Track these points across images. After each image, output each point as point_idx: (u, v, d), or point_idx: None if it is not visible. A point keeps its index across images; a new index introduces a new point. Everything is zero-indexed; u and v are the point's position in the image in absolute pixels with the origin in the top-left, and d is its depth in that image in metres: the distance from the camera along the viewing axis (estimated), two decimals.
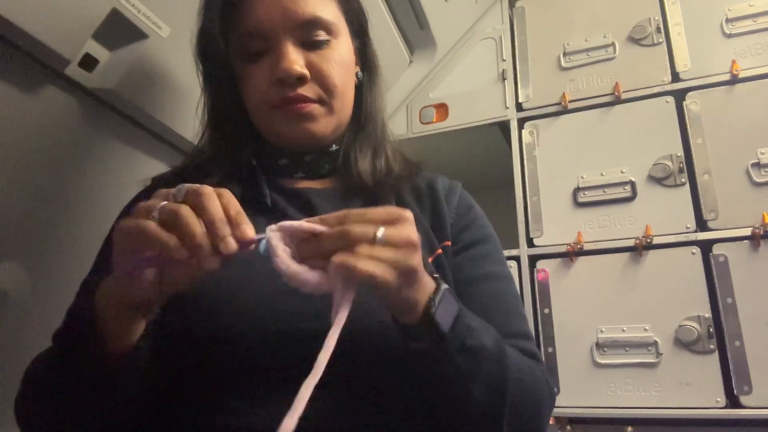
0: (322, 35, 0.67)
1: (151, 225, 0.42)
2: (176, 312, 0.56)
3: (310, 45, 0.67)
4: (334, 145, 0.72)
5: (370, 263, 0.43)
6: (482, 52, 1.68)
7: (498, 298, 0.67)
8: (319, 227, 0.45)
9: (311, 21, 0.66)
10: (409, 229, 0.47)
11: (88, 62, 0.83)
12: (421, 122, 1.69)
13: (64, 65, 0.80)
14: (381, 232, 0.44)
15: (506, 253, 1.38)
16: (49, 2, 0.73)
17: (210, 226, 0.42)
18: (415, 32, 1.56)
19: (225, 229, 0.43)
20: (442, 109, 1.68)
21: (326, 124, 0.68)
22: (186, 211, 0.42)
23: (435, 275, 0.52)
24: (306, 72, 0.65)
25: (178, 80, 0.95)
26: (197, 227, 0.42)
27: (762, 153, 1.28)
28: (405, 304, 0.48)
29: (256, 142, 0.72)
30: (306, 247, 0.45)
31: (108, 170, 0.96)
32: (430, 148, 1.74)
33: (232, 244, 0.43)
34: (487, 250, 0.71)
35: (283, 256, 0.44)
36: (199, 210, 0.43)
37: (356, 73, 0.74)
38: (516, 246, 1.44)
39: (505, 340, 0.60)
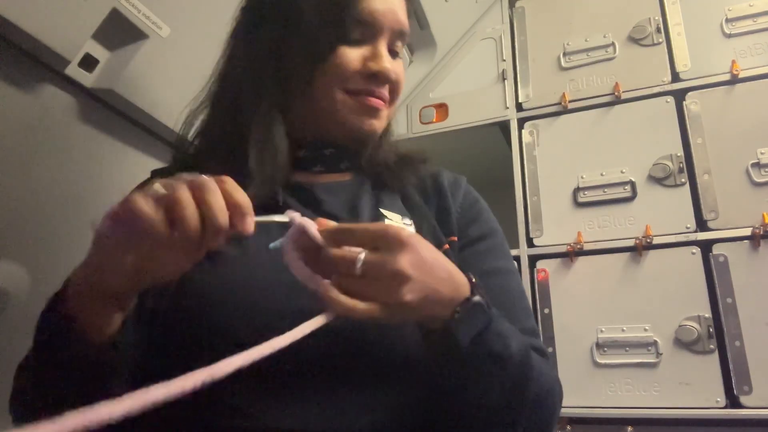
0: (400, 47, 0.71)
1: (143, 200, 0.41)
2: (171, 306, 0.56)
3: (392, 52, 0.70)
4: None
5: (347, 299, 0.43)
6: (482, 52, 1.68)
7: (503, 294, 0.66)
8: (320, 239, 0.46)
9: (405, 32, 0.70)
10: (396, 259, 0.45)
11: (88, 62, 0.83)
12: (421, 122, 1.69)
13: (64, 65, 0.80)
14: (360, 262, 0.43)
15: None
16: (49, 2, 0.73)
17: (207, 215, 0.41)
18: (415, 32, 1.56)
19: (221, 221, 0.41)
20: (442, 109, 1.68)
21: (382, 125, 0.71)
22: (185, 195, 0.41)
23: (473, 280, 0.52)
24: (395, 77, 0.69)
25: (178, 80, 0.95)
26: (192, 213, 0.41)
27: (762, 153, 1.28)
28: (421, 319, 0.48)
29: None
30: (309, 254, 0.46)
31: (108, 170, 0.96)
32: (430, 148, 1.73)
33: (219, 239, 0.42)
34: (493, 244, 0.71)
35: (294, 259, 0.45)
36: (198, 199, 0.41)
37: None
38: (516, 246, 1.45)
39: None
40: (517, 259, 1.43)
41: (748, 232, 1.24)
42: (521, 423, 0.55)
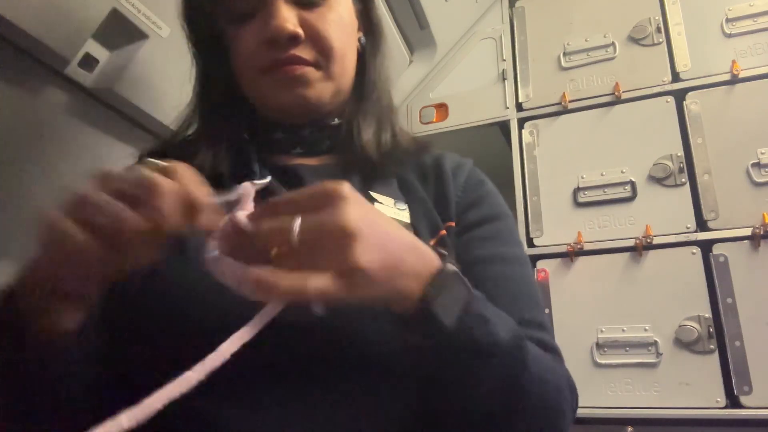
0: None
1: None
2: (135, 308, 0.51)
3: (304, 3, 0.60)
4: (335, 119, 0.66)
5: (292, 276, 0.35)
6: (482, 52, 1.68)
7: (506, 283, 0.60)
8: (245, 223, 0.39)
9: None
10: (337, 213, 0.37)
11: (88, 62, 0.83)
12: (421, 122, 1.69)
13: (64, 65, 0.80)
14: (296, 227, 0.36)
15: None
16: (49, 2, 0.73)
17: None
18: (415, 32, 1.56)
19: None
20: (442, 109, 1.68)
21: (322, 90, 0.62)
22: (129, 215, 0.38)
23: (441, 251, 0.45)
24: (299, 31, 0.59)
25: (178, 80, 0.95)
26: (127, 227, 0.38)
27: (762, 153, 1.28)
28: (388, 297, 0.40)
29: (251, 115, 0.66)
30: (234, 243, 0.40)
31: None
32: None
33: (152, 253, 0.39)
34: (497, 229, 0.64)
35: (220, 260, 0.38)
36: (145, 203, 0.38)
37: (359, 38, 0.68)
38: None
39: None
40: None
41: (748, 232, 1.24)
42: (519, 427, 0.48)
